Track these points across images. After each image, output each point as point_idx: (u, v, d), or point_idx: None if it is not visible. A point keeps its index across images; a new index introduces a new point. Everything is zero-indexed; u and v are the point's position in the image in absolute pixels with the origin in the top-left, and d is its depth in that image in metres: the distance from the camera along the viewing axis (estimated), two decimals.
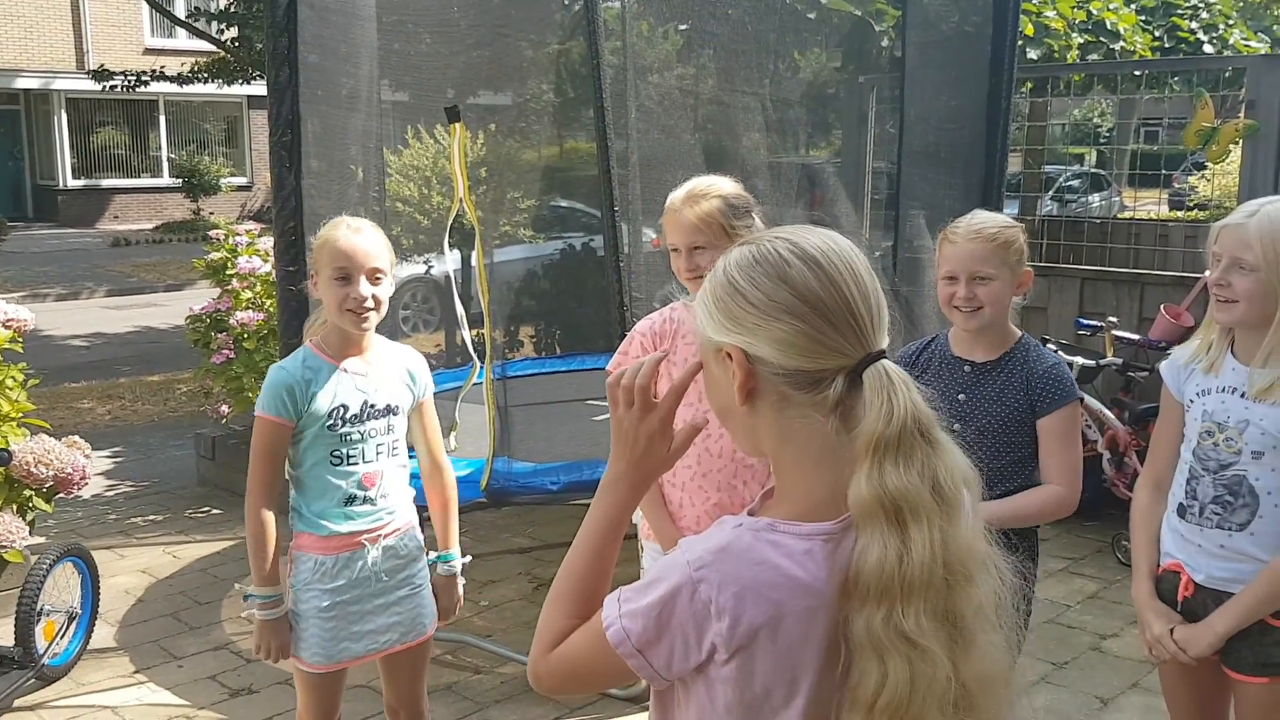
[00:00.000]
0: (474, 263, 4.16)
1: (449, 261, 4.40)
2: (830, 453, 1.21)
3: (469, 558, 2.81)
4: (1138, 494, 2.38)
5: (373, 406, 2.55)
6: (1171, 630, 2.20)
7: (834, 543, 1.19)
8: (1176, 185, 12.72)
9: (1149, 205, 10.32)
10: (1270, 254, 2.05)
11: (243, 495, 2.54)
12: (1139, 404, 5.29)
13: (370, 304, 2.47)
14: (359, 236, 2.48)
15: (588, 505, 1.47)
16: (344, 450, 2.52)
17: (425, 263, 7.22)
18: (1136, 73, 7.84)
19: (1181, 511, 2.24)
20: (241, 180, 24.75)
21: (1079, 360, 5.43)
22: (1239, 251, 2.09)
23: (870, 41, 6.90)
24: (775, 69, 6.62)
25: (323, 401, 2.49)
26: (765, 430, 1.27)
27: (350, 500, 2.54)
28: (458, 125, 3.94)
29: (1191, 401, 2.23)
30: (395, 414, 2.60)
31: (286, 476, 2.58)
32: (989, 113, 4.07)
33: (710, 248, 2.44)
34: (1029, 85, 7.88)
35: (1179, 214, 10.90)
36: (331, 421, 2.50)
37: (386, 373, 2.60)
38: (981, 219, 2.40)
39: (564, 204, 7.99)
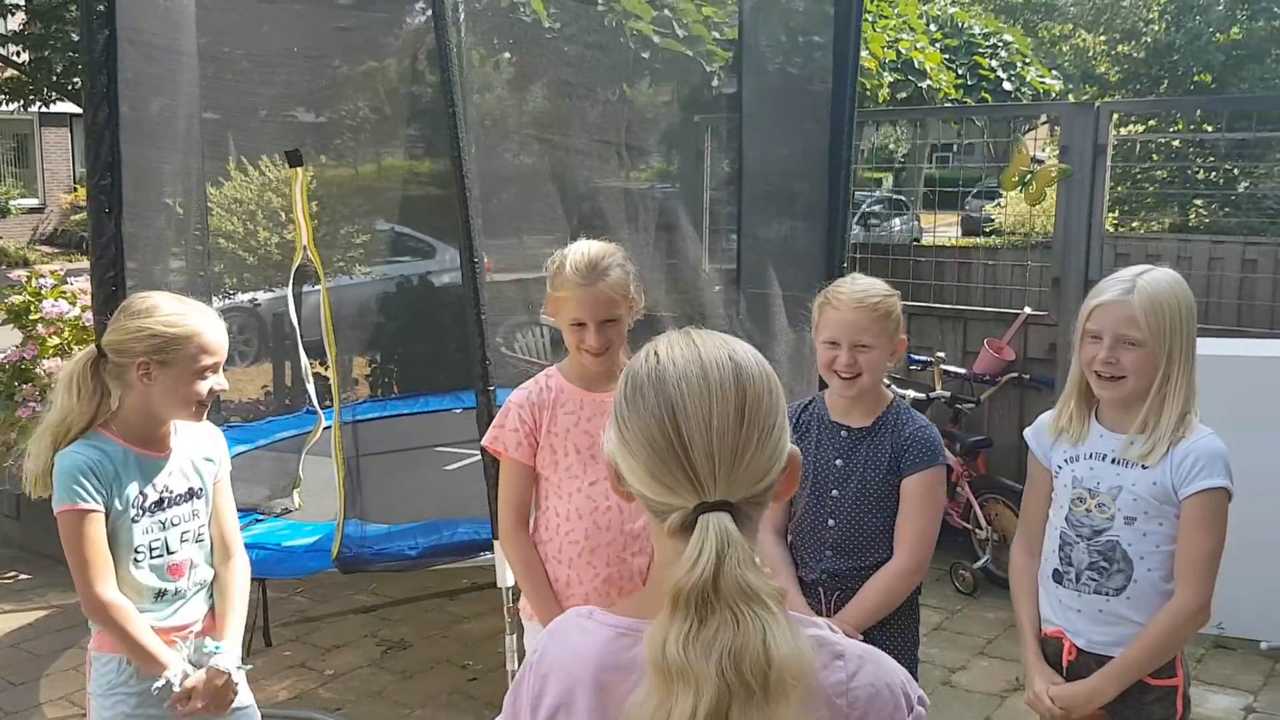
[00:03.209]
0: (320, 306, 3.96)
1: (290, 306, 4.17)
2: (672, 564, 1.16)
3: (249, 666, 2.53)
4: (1014, 558, 2.43)
5: (172, 492, 2.37)
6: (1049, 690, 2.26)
7: (630, 639, 1.17)
8: (969, 211, 13.38)
9: (943, 229, 10.78)
10: (1154, 326, 2.10)
11: (53, 557, 2.34)
12: (968, 436, 5.52)
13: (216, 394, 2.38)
14: (222, 327, 2.37)
15: (449, 568, 1.36)
16: (146, 541, 2.33)
17: (252, 302, 6.87)
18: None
19: (1058, 578, 2.29)
20: (33, 202, 23.15)
21: (911, 393, 5.63)
22: (1123, 329, 2.13)
23: (702, 81, 7.02)
24: (609, 104, 6.65)
25: (122, 491, 2.29)
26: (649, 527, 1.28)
27: (160, 595, 2.35)
28: (300, 170, 3.76)
29: (1060, 468, 2.29)
30: (198, 497, 2.43)
31: None
32: (831, 164, 4.15)
33: (621, 320, 2.39)
34: None
35: (979, 240, 11.48)
36: (133, 513, 2.30)
37: (184, 453, 2.42)
38: (863, 285, 2.43)
39: (393, 229, 7.73)
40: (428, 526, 3.61)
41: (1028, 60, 13.74)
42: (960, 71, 13.07)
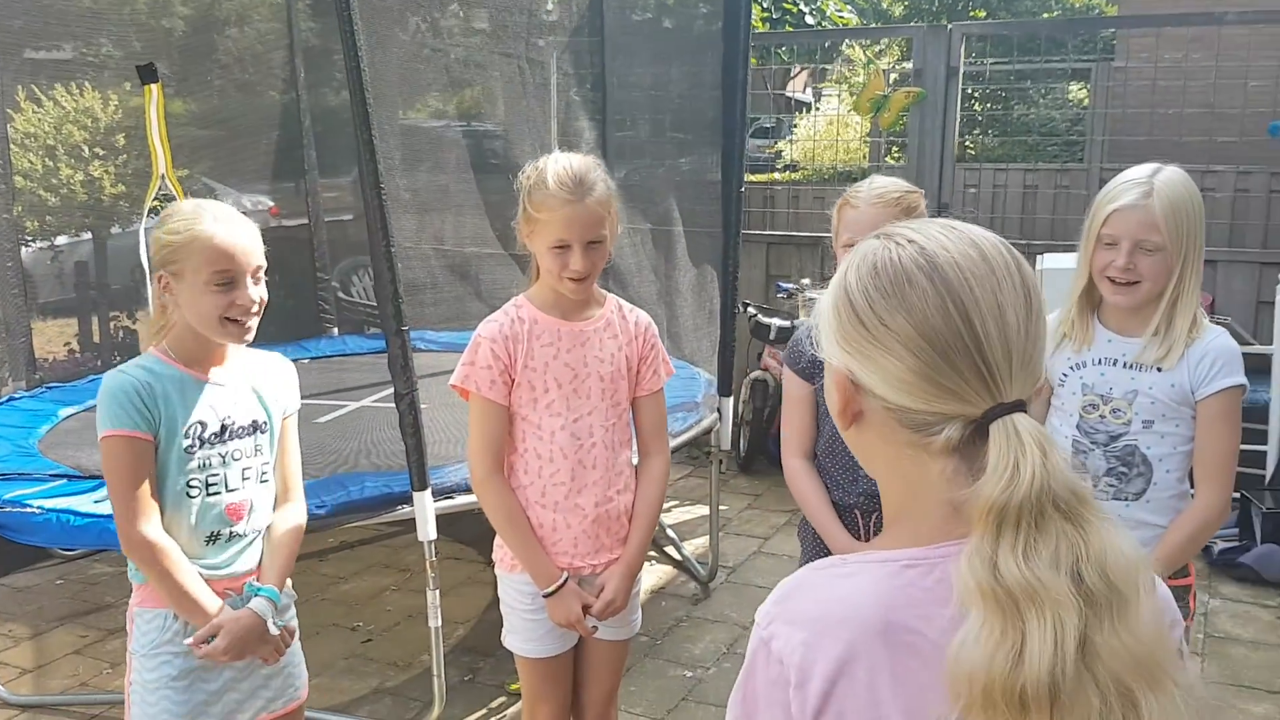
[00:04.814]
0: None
1: (142, 243, 3.68)
2: (942, 485, 1.01)
3: (292, 616, 2.28)
4: None
5: (235, 424, 2.11)
6: None
7: (922, 569, 0.99)
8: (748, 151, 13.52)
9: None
10: (1173, 230, 2.06)
11: None
12: None
13: (256, 310, 2.06)
14: (240, 229, 2.05)
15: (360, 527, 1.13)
16: (203, 477, 2.07)
17: (51, 247, 6.16)
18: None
19: None
20: None
21: (776, 322, 5.65)
22: (1143, 234, 2.07)
23: (538, 4, 6.73)
24: (436, 26, 6.31)
25: (174, 418, 2.03)
26: (871, 454, 1.10)
27: (214, 539, 2.09)
28: (154, 87, 3.32)
29: (1065, 375, 2.24)
30: (263, 432, 2.17)
31: None
32: (725, 83, 4.01)
33: (605, 241, 2.18)
34: None
35: (776, 175, 11.71)
36: (189, 443, 2.04)
37: (247, 382, 2.16)
38: (882, 183, 2.31)
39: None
40: (329, 483, 3.32)
41: None
42: (765, 5, 13.19)
